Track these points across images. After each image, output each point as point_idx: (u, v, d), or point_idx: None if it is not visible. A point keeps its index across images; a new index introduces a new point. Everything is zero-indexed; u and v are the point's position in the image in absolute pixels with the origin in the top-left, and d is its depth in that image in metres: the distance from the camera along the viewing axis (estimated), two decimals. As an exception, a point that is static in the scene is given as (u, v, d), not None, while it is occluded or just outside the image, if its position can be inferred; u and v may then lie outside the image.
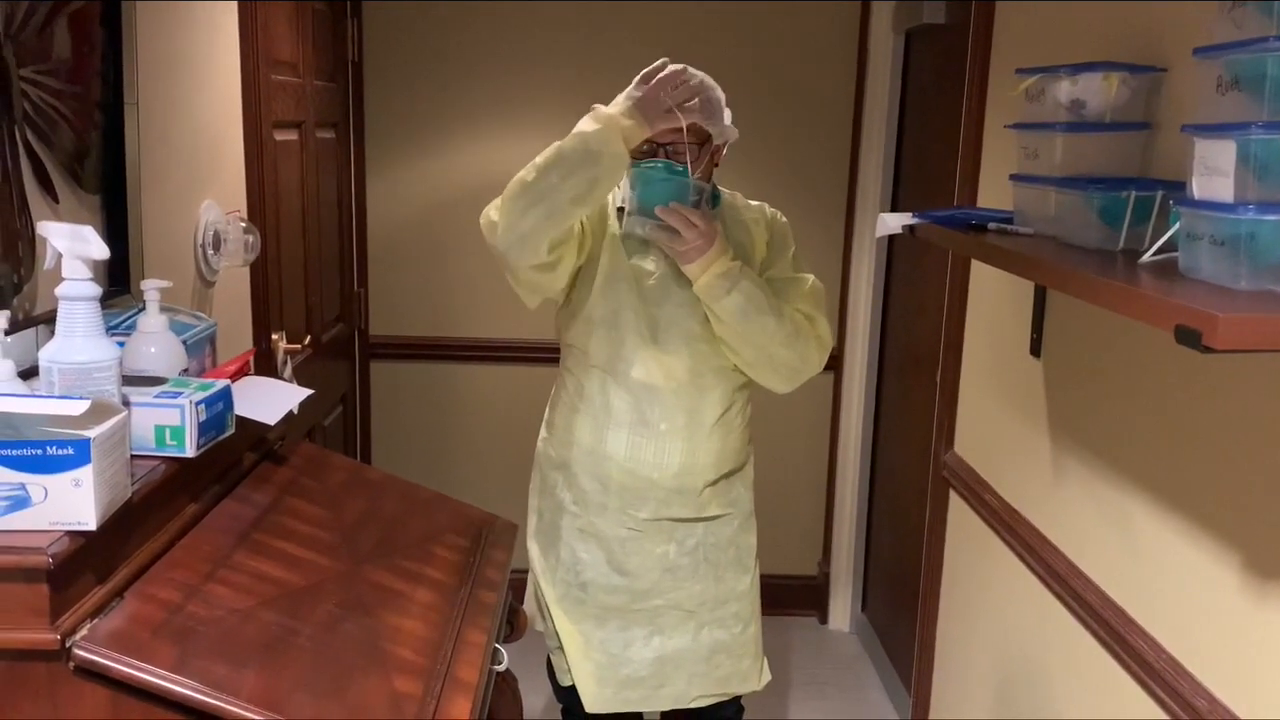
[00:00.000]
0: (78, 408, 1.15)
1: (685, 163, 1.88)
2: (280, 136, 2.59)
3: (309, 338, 2.82)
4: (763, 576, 2.19)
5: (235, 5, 2.32)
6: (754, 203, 2.13)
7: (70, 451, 1.11)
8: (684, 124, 1.80)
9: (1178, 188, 1.31)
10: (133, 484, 1.24)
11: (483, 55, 3.36)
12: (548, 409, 2.15)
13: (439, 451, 3.57)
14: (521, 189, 1.79)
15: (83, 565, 1.15)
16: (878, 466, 3.48)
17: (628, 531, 2.02)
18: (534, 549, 2.12)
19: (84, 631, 1.12)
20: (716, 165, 2.02)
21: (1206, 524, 1.43)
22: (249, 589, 1.33)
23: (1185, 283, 1.16)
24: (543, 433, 2.16)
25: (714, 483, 2.05)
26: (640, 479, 2.00)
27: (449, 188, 3.42)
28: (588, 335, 2.00)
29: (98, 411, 1.17)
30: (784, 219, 2.14)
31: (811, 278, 2.07)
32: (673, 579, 2.04)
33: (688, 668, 2.07)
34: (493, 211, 1.86)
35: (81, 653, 1.10)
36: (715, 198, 2.05)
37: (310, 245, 2.88)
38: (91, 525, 1.13)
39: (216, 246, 2.17)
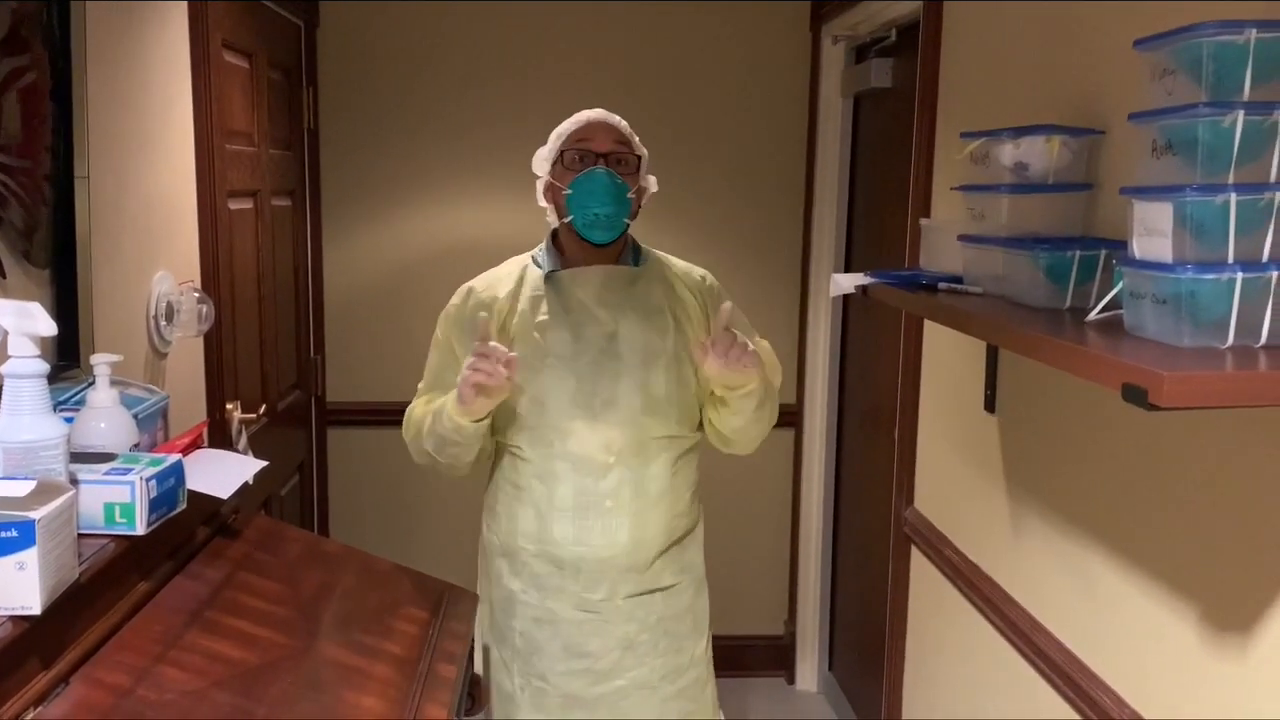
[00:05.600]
0: (23, 488, 1.12)
1: (625, 174, 1.90)
2: (235, 205, 2.58)
3: (265, 406, 2.79)
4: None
5: (189, 76, 2.32)
6: (680, 263, 2.09)
7: (14, 534, 1.09)
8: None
9: (1120, 246, 1.35)
10: (80, 564, 1.22)
11: (438, 122, 3.38)
12: (487, 494, 2.10)
13: (398, 517, 3.53)
14: (414, 447, 2.02)
15: (26, 651, 1.12)
16: (840, 524, 3.48)
17: (584, 615, 1.97)
18: (491, 646, 2.06)
19: (27, 720, 1.08)
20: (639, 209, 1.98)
21: (1164, 577, 1.44)
22: (202, 669, 1.29)
23: (1131, 341, 1.18)
24: (485, 520, 2.10)
25: (665, 550, 2.01)
26: (591, 560, 1.95)
27: (406, 253, 3.43)
28: (515, 429, 1.95)
29: (44, 491, 1.15)
30: (714, 281, 2.09)
31: (765, 343, 2.09)
32: (634, 656, 2.00)
33: None
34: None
35: (24, 743, 1.06)
36: (636, 251, 2.03)
37: (266, 313, 2.86)
38: (36, 610, 1.10)
39: (169, 317, 2.15)
